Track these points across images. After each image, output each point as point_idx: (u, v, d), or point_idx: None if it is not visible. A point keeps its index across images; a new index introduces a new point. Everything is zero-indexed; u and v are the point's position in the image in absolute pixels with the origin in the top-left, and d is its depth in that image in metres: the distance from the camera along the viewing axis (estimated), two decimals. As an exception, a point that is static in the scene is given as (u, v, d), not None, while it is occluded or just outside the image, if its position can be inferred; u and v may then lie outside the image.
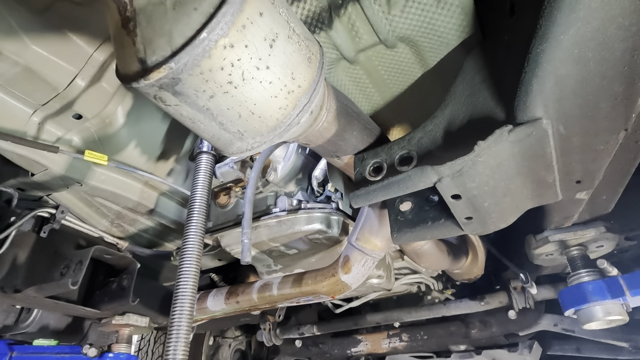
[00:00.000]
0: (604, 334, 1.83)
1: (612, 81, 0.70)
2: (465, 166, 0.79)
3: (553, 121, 0.77)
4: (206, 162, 1.25)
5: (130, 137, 1.64)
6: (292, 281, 1.44)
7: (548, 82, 0.70)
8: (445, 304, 2.18)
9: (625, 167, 0.97)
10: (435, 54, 1.05)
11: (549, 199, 0.97)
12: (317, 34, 1.02)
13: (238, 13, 0.60)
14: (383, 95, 1.24)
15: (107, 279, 2.00)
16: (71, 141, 1.56)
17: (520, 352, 2.12)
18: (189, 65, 0.60)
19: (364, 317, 2.39)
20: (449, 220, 0.97)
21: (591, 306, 1.30)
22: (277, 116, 0.73)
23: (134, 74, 0.63)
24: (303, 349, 2.67)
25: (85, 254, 1.69)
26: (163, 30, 0.60)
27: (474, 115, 0.91)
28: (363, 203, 0.97)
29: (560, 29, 0.63)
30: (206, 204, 1.18)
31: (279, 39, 0.67)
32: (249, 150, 0.77)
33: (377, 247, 1.23)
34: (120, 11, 0.62)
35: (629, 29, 0.62)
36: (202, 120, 0.71)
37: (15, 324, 1.99)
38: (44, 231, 1.72)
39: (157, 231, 2.14)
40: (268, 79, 0.67)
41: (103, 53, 1.39)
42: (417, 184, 0.86)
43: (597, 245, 1.34)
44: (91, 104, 1.49)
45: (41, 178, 1.57)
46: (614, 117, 0.77)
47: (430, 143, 0.96)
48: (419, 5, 0.93)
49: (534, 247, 1.37)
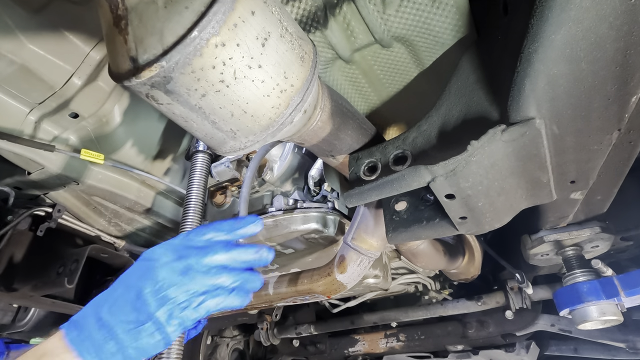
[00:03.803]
0: (601, 334, 1.83)
1: (605, 81, 0.70)
2: (459, 166, 0.79)
3: (546, 121, 0.77)
4: (202, 161, 1.25)
5: (127, 136, 1.64)
6: (288, 280, 1.44)
7: (540, 81, 0.70)
8: (442, 304, 2.18)
9: (620, 167, 0.97)
10: (430, 53, 1.05)
11: (543, 199, 0.97)
12: (312, 34, 1.02)
13: (229, 12, 0.60)
14: (379, 95, 1.24)
15: (104, 278, 2.00)
16: (68, 140, 1.55)
17: (518, 352, 2.12)
18: (181, 63, 0.60)
19: (362, 317, 2.39)
20: (443, 220, 0.97)
21: (586, 306, 1.30)
22: (270, 115, 0.72)
23: (125, 73, 0.63)
24: (301, 348, 2.67)
25: (82, 252, 1.69)
26: (154, 29, 0.60)
27: (469, 115, 0.91)
28: (357, 202, 0.97)
29: (551, 29, 0.63)
30: (202, 203, 1.19)
31: (272, 38, 0.67)
32: (242, 149, 0.77)
33: (372, 247, 1.23)
34: (112, 9, 0.62)
35: (620, 28, 0.62)
36: (194, 119, 0.71)
37: (12, 322, 1.98)
38: (41, 230, 1.72)
39: (155, 230, 2.14)
40: (260, 77, 0.67)
41: (99, 52, 1.39)
42: (411, 184, 0.86)
43: (592, 245, 1.34)
44: (88, 102, 1.49)
45: (37, 177, 1.57)
46: (607, 117, 0.77)
47: (424, 142, 0.96)
48: (414, 5, 0.93)
49: (529, 247, 1.37)
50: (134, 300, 0.61)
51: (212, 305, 0.66)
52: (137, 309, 0.60)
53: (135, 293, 0.61)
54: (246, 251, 0.71)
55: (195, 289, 0.64)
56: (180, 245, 0.66)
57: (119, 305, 0.61)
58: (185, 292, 0.63)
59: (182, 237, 0.69)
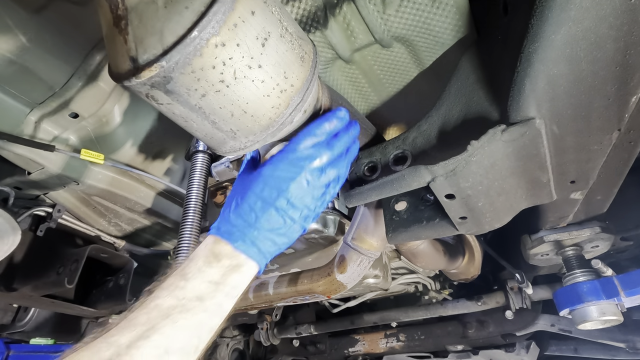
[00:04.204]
0: (601, 334, 1.82)
1: (605, 81, 0.70)
2: (459, 166, 0.79)
3: (546, 121, 0.77)
4: (202, 161, 1.25)
5: (127, 136, 1.64)
6: (288, 280, 1.44)
7: (540, 81, 0.70)
8: (442, 304, 2.18)
9: (620, 167, 0.96)
10: (430, 53, 1.05)
11: (543, 199, 0.97)
12: (312, 34, 1.02)
13: (229, 12, 0.60)
14: (379, 95, 1.24)
15: (104, 278, 2.00)
16: (68, 140, 1.56)
17: (518, 352, 2.12)
18: (180, 63, 0.60)
19: (362, 317, 2.39)
20: (443, 220, 0.97)
21: (586, 306, 1.29)
22: (270, 115, 0.72)
23: (125, 73, 0.63)
24: (301, 348, 2.67)
25: (82, 252, 1.70)
26: (154, 29, 0.60)
27: (469, 115, 0.91)
28: (357, 202, 0.97)
29: (551, 29, 0.63)
30: (201, 203, 1.19)
31: (272, 38, 0.67)
32: (242, 149, 0.77)
33: (372, 247, 1.23)
34: (112, 9, 0.62)
35: (620, 28, 0.62)
36: (194, 119, 0.71)
37: (12, 322, 1.99)
38: (41, 230, 1.72)
39: (155, 230, 2.14)
40: (260, 77, 0.67)
41: (99, 52, 1.39)
42: (411, 184, 0.86)
43: (592, 245, 1.34)
44: (88, 103, 1.50)
45: (38, 177, 1.57)
46: (607, 117, 0.77)
47: (424, 142, 0.96)
48: (414, 5, 0.93)
49: (529, 247, 1.37)
50: (275, 214, 0.74)
51: (333, 193, 0.83)
52: (281, 219, 0.75)
53: (275, 209, 0.74)
54: (341, 141, 0.82)
55: (318, 192, 0.78)
56: (295, 158, 0.77)
57: (265, 218, 0.74)
58: (311, 197, 0.77)
59: (290, 150, 0.78)
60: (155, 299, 0.66)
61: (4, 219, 1.49)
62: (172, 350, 0.63)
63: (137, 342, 0.61)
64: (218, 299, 0.70)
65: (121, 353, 0.60)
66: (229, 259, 0.72)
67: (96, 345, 0.61)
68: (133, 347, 0.61)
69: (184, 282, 0.69)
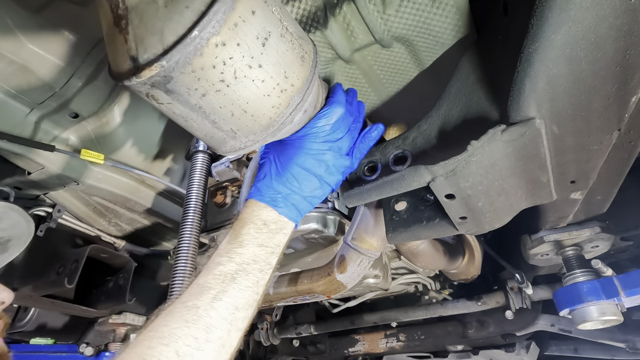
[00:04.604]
0: (601, 334, 1.82)
1: (605, 81, 0.70)
2: (459, 166, 0.79)
3: (546, 121, 0.77)
4: (202, 161, 1.25)
5: (127, 136, 1.64)
6: (288, 280, 1.44)
7: (540, 81, 0.70)
8: (442, 304, 2.18)
9: (620, 168, 0.97)
10: (430, 53, 1.05)
11: (543, 199, 0.97)
12: (312, 34, 1.02)
13: (230, 11, 0.60)
14: (379, 95, 1.24)
15: (104, 278, 2.00)
16: (68, 140, 1.56)
17: (518, 352, 2.12)
18: (181, 63, 0.60)
19: (362, 317, 2.39)
20: (443, 220, 0.97)
21: (586, 306, 1.29)
22: (270, 115, 0.73)
23: (125, 72, 0.63)
24: (301, 348, 2.66)
25: (82, 252, 1.70)
26: (155, 29, 0.60)
27: (469, 115, 0.91)
28: (357, 202, 0.97)
29: (551, 29, 0.63)
30: (201, 203, 1.19)
31: (272, 38, 0.67)
32: (242, 148, 0.77)
33: (372, 247, 1.23)
34: (113, 9, 0.62)
35: (620, 28, 0.62)
36: (194, 119, 0.71)
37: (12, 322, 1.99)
38: (41, 230, 1.72)
39: (155, 230, 2.14)
40: (260, 77, 0.67)
41: (99, 52, 1.39)
42: (411, 184, 0.86)
43: (592, 245, 1.34)
44: (88, 102, 1.50)
45: (38, 177, 1.57)
46: (607, 117, 0.77)
47: (424, 142, 0.96)
48: (414, 5, 0.93)
49: (529, 247, 1.37)
50: (316, 180, 0.87)
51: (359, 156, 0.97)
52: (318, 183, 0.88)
53: (314, 176, 0.87)
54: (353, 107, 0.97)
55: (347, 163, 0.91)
56: (328, 139, 0.88)
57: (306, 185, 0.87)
58: (340, 165, 0.90)
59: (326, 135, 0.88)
60: (218, 265, 0.78)
61: (17, 212, 1.51)
62: (240, 307, 0.76)
63: (213, 303, 0.73)
64: (268, 258, 0.83)
65: (201, 315, 0.71)
66: (275, 223, 0.84)
67: (176, 309, 0.72)
68: (210, 308, 0.73)
69: (241, 249, 0.80)
